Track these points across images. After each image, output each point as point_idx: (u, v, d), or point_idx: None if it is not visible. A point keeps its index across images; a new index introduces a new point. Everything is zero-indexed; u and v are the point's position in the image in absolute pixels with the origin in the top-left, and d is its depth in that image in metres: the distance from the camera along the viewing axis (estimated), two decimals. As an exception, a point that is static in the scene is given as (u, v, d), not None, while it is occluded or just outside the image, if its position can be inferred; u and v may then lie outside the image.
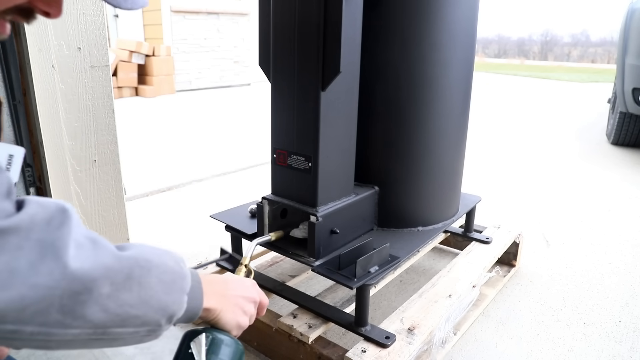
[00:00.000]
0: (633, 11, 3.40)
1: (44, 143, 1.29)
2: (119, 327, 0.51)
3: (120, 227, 1.51)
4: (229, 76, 8.19)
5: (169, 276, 0.57)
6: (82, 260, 0.47)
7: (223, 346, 0.68)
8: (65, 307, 0.46)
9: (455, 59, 1.30)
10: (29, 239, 0.45)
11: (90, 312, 0.48)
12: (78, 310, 0.47)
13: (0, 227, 0.43)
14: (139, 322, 0.53)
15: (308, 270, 1.44)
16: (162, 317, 0.56)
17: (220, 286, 0.70)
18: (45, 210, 0.47)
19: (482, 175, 2.97)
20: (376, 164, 1.35)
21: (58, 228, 0.47)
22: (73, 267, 0.46)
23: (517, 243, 1.70)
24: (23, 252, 0.44)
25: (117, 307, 0.50)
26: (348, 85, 1.17)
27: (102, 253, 0.50)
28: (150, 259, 0.56)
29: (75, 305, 0.47)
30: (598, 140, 4.10)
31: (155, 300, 0.55)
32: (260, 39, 1.24)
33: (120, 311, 0.51)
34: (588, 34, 31.86)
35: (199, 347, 0.66)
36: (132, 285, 0.52)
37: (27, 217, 0.45)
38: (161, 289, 0.56)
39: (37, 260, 0.44)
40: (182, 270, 0.61)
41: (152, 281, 0.55)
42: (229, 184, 2.82)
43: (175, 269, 0.59)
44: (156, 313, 0.55)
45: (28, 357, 1.21)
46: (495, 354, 1.30)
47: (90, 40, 1.34)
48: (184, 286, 0.60)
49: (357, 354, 1.04)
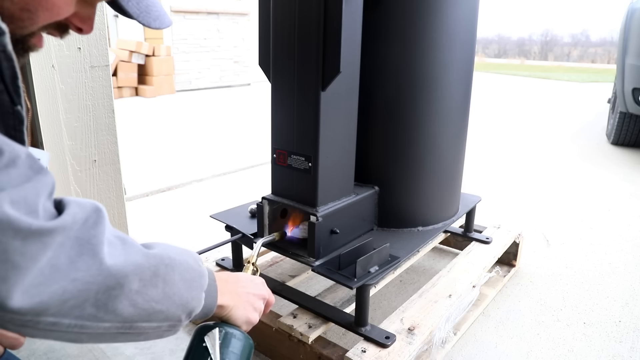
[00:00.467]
0: (633, 11, 3.40)
1: (44, 143, 1.29)
2: (144, 321, 0.54)
3: (120, 227, 1.51)
4: (229, 76, 8.19)
5: (189, 274, 0.61)
6: (115, 257, 0.50)
7: (235, 340, 0.71)
8: (99, 301, 0.49)
9: (455, 59, 1.30)
10: (69, 237, 0.47)
11: (121, 306, 0.51)
12: (110, 304, 0.50)
13: (49, 227, 0.45)
14: (162, 317, 0.56)
15: (308, 270, 1.44)
16: (182, 312, 0.59)
17: (233, 284, 0.74)
18: (83, 210, 0.50)
19: (482, 175, 2.97)
20: (376, 164, 1.35)
21: (93, 227, 0.50)
22: (108, 264, 0.49)
23: (517, 243, 1.70)
24: (64, 250, 0.46)
25: (144, 302, 0.53)
26: (348, 85, 1.17)
27: (132, 250, 0.53)
28: (174, 257, 0.58)
29: (108, 300, 0.49)
30: (598, 140, 4.10)
31: (178, 297, 0.58)
32: (260, 39, 1.24)
33: (147, 306, 0.54)
34: (588, 34, 31.88)
35: (213, 341, 0.69)
36: (157, 282, 0.55)
37: (69, 217, 0.48)
38: (183, 286, 0.59)
39: (76, 257, 0.47)
40: (200, 268, 0.64)
41: (175, 278, 0.58)
42: (229, 184, 2.82)
43: (195, 267, 0.62)
44: (178, 309, 0.58)
45: (28, 357, 1.21)
46: (495, 354, 1.30)
47: (90, 40, 1.34)
48: (203, 284, 0.63)
49: (357, 354, 1.04)
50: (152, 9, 0.63)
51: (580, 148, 3.80)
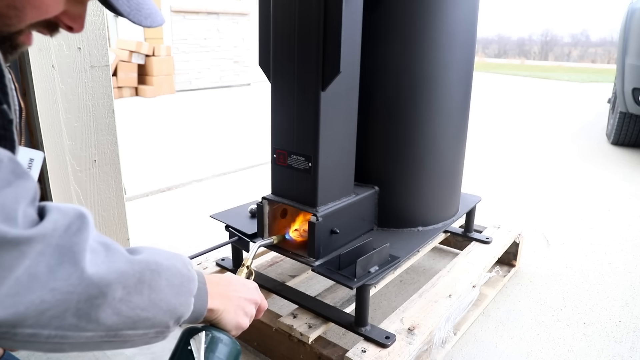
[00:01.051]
0: (633, 11, 3.40)
1: (44, 143, 1.29)
2: (130, 329, 0.53)
3: (120, 227, 1.51)
4: (229, 76, 8.19)
5: (177, 279, 0.59)
6: (98, 265, 0.49)
7: (221, 345, 0.69)
8: (80, 310, 0.47)
9: (455, 59, 1.30)
10: (50, 245, 0.45)
11: (104, 315, 0.49)
12: (92, 313, 0.48)
13: (27, 235, 0.44)
14: (148, 324, 0.55)
15: (308, 270, 1.44)
16: (170, 319, 0.58)
17: (224, 287, 0.72)
18: (65, 217, 0.48)
19: (482, 175, 2.97)
20: (376, 164, 1.35)
21: (76, 234, 0.48)
22: (89, 272, 0.47)
23: (517, 243, 1.70)
24: (43, 258, 0.45)
25: (129, 310, 0.52)
26: (348, 85, 1.17)
27: (116, 258, 0.51)
28: (161, 262, 0.57)
29: (90, 309, 0.48)
30: (598, 140, 4.10)
31: (165, 303, 0.56)
32: (260, 39, 1.24)
33: (132, 314, 0.52)
34: (588, 34, 31.91)
35: (199, 345, 0.68)
36: (143, 289, 0.53)
37: (50, 224, 0.46)
38: (170, 292, 0.57)
39: (56, 266, 0.45)
40: (189, 273, 0.62)
41: (162, 284, 0.56)
42: (229, 184, 2.82)
43: (183, 271, 0.61)
44: (165, 315, 0.57)
45: (28, 357, 1.21)
46: (495, 354, 1.30)
47: (90, 40, 1.34)
48: (192, 289, 0.62)
49: (357, 354, 1.04)
50: (144, 6, 0.61)
51: (580, 148, 3.80)
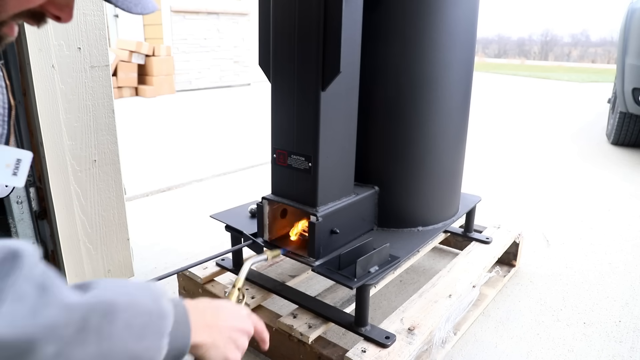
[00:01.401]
0: (633, 11, 3.40)
1: (44, 143, 1.29)
2: None
3: (120, 227, 1.51)
4: (229, 76, 8.19)
5: (140, 319, 0.50)
6: (19, 318, 0.40)
7: None
8: None
9: (455, 59, 1.30)
10: None
11: None
12: None
13: None
14: None
15: (308, 270, 1.44)
16: None
17: (212, 317, 0.64)
18: None
19: (482, 175, 2.97)
20: (376, 164, 1.35)
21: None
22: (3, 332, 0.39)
23: (517, 243, 1.70)
24: None
25: None
26: (348, 85, 1.17)
27: (47, 304, 0.43)
28: (116, 302, 0.48)
29: None
30: (598, 140, 4.10)
31: (122, 351, 0.48)
32: (260, 39, 1.24)
33: None
34: (588, 34, 31.92)
35: None
36: (86, 338, 0.44)
37: None
38: (130, 336, 0.48)
39: None
40: (160, 308, 0.53)
41: (115, 329, 0.47)
42: (229, 184, 2.82)
43: (150, 308, 0.52)
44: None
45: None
46: (495, 354, 1.30)
47: (90, 40, 1.33)
48: (163, 327, 0.52)
49: (357, 354, 1.04)
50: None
51: (580, 148, 3.80)
